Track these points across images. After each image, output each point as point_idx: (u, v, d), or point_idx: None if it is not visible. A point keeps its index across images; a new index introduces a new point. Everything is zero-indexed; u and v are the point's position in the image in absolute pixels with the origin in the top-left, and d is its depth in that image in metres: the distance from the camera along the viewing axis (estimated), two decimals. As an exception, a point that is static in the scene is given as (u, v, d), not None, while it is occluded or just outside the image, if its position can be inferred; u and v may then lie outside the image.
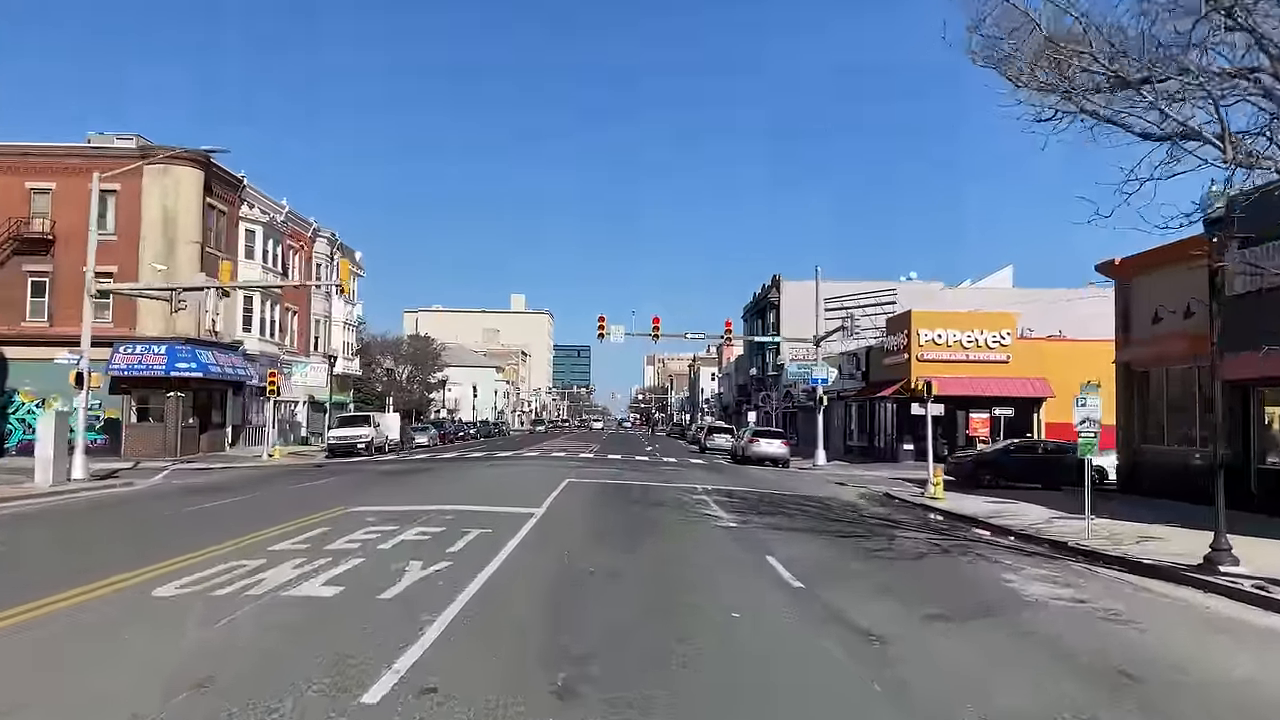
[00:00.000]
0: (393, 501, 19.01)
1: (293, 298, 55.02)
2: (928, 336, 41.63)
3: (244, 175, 47.33)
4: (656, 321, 41.76)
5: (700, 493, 24.38)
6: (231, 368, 44.79)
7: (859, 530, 17.48)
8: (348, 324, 63.73)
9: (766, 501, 23.07)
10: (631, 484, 26.49)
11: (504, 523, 15.54)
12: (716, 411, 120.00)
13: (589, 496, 21.79)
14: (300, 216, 55.97)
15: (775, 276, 78.33)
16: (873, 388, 47.35)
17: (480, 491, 22.11)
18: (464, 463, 36.92)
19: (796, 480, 32.61)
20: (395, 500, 19.42)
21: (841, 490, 28.77)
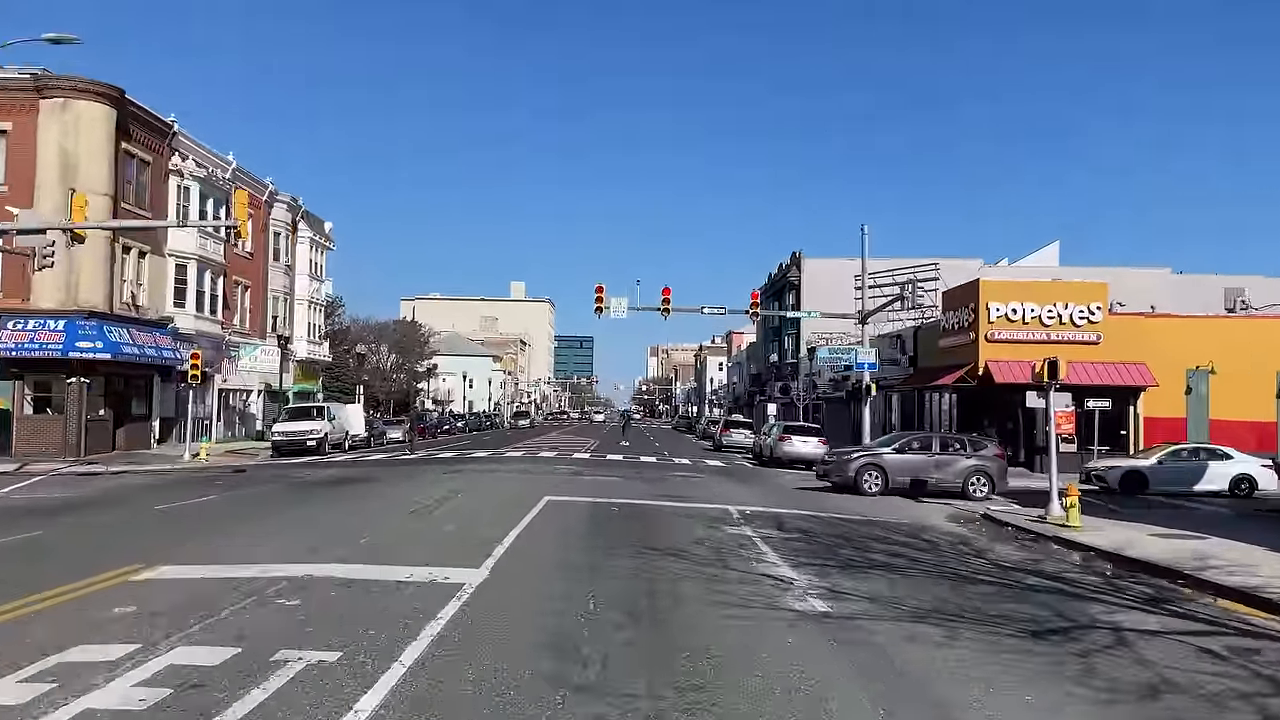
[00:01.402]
0: (226, 556, 11.32)
1: (244, 270, 47.50)
2: (999, 311, 33.98)
3: (174, 120, 39.76)
4: (667, 293, 34.25)
5: (736, 519, 16.85)
6: (155, 349, 37.28)
7: (1028, 606, 9.99)
8: (313, 303, 56.20)
9: (837, 535, 15.52)
10: (636, 504, 18.94)
11: (385, 621, 7.94)
12: (728, 403, 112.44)
13: (569, 534, 14.20)
14: (252, 176, 48.37)
15: (795, 253, 70.67)
16: (923, 375, 39.74)
17: (395, 529, 14.53)
18: (420, 467, 29.39)
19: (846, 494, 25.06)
20: (233, 553, 11.73)
21: (918, 509, 21.26)
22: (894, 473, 23.08)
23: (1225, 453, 27.28)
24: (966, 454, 23.90)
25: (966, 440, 25.08)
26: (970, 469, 23.37)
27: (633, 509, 17.78)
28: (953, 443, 24.57)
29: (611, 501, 18.83)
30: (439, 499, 18.29)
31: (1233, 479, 26.31)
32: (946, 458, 23.70)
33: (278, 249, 51.43)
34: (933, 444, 24.27)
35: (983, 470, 23.53)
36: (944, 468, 23.34)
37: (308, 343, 55.43)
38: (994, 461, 24.10)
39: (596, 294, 34.10)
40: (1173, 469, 26.59)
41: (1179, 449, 27.76)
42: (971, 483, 23.09)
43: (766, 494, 22.77)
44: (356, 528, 13.87)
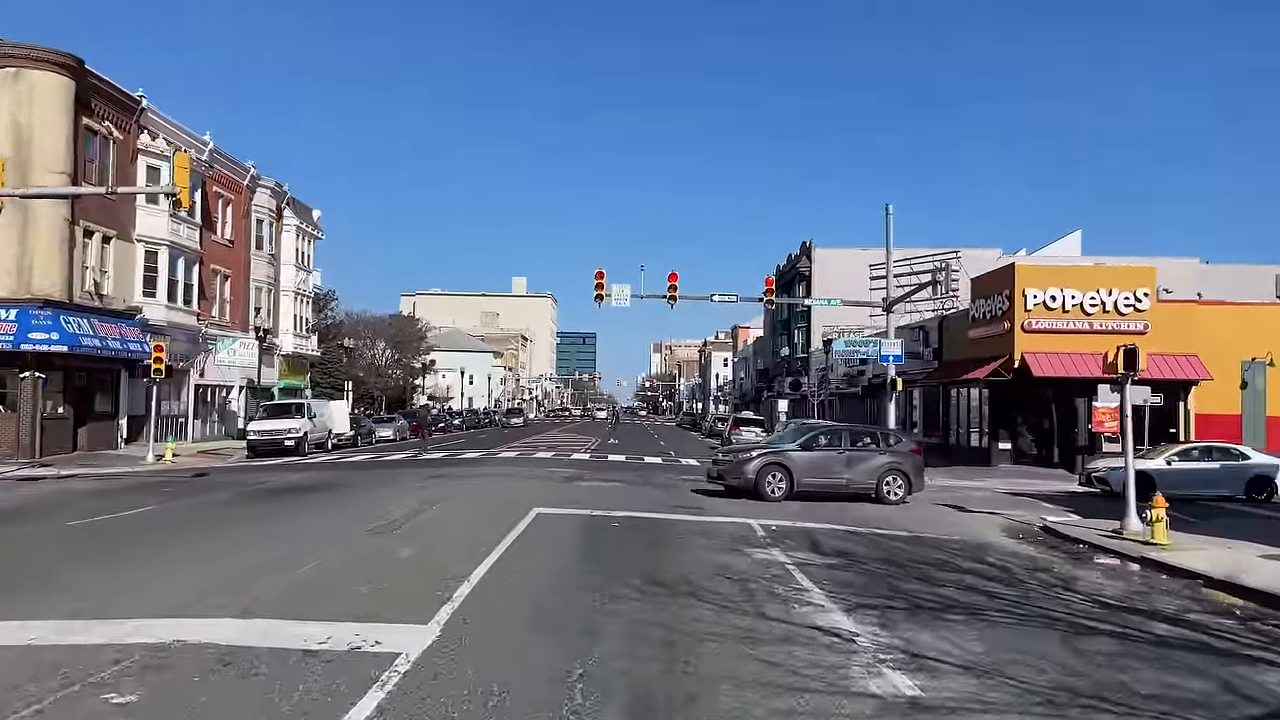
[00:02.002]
0: (90, 602, 8.46)
1: (223, 259, 44.71)
2: (1037, 299, 31.08)
3: (143, 95, 36.94)
4: (673, 278, 31.33)
5: (761, 538, 14.03)
6: (121, 341, 34.50)
7: (1181, 675, 7.23)
8: (300, 294, 53.40)
9: (886, 558, 12.70)
10: (641, 517, 16.11)
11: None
12: (733, 399, 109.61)
13: (557, 562, 11.38)
14: (232, 159, 45.57)
15: (806, 243, 67.75)
16: (949, 369, 36.88)
17: (342, 555, 11.68)
18: (402, 471, 26.62)
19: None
20: (105, 596, 8.87)
21: (967, 521, 18.43)
22: (801, 473, 19.61)
23: (1241, 452, 24.73)
24: (880, 449, 20.88)
25: (879, 434, 22.02)
26: (885, 467, 20.34)
27: (637, 524, 14.95)
28: (864, 436, 21.47)
29: (611, 515, 16.00)
30: (409, 512, 15.47)
31: (1250, 481, 23.78)
32: (859, 453, 20.57)
33: (260, 237, 48.64)
34: (843, 438, 21.04)
35: (898, 469, 20.51)
36: (856, 465, 20.24)
37: (294, 336, 52.67)
38: (909, 458, 21.06)
39: (597, 280, 31.25)
40: (1183, 470, 23.90)
41: (1189, 448, 25.13)
42: (886, 482, 20.16)
43: (783, 508, 19.89)
44: (295, 554, 11.06)
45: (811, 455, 20.06)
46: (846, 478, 20.06)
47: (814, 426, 24.31)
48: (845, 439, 21.01)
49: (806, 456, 19.98)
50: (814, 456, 20.07)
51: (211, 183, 43.07)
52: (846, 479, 20.01)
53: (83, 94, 33.00)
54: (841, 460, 20.22)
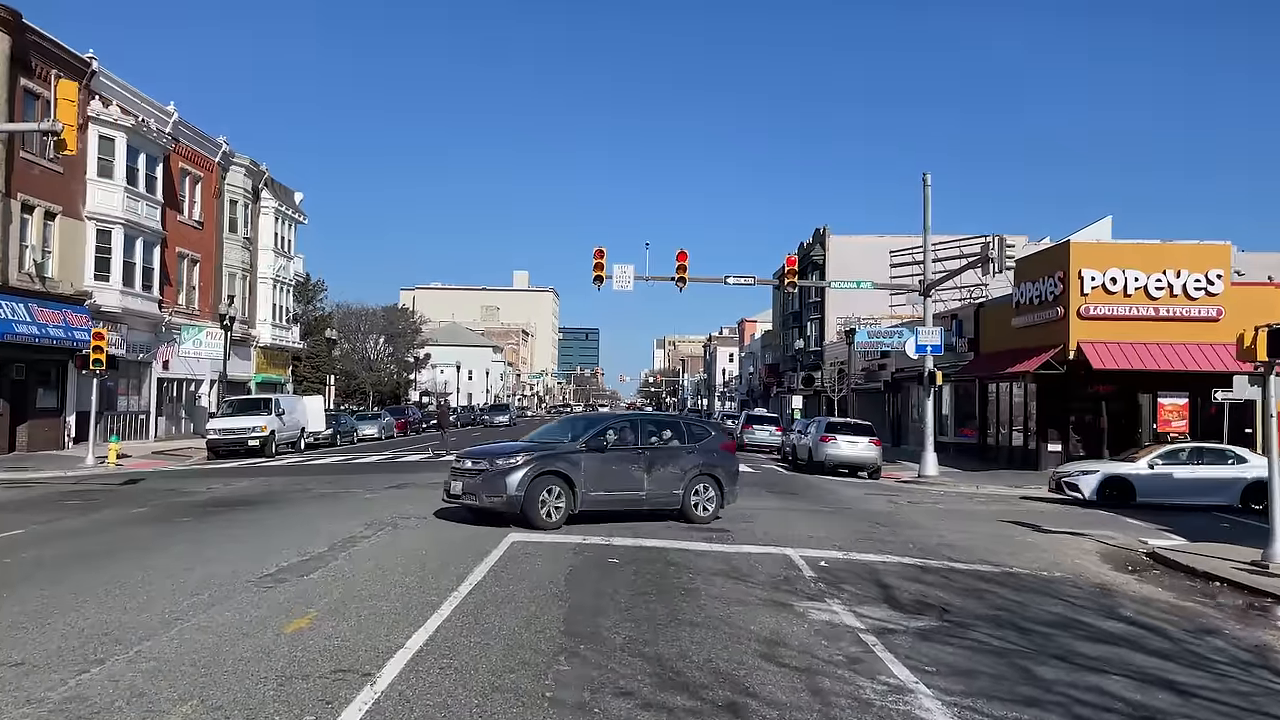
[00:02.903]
0: None
1: (192, 241, 41.09)
2: (1095, 281, 27.34)
3: (94, 56, 33.28)
4: (682, 257, 27.66)
5: (811, 582, 10.35)
6: (66, 329, 30.91)
7: None
8: (280, 282, 49.74)
9: (990, 615, 9.03)
10: (648, 546, 12.45)
11: None
12: (740, 395, 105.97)
13: (527, 634, 7.70)
14: (201, 133, 41.91)
15: (820, 229, 64.04)
16: (988, 362, 33.17)
17: (197, 627, 7.98)
18: (363, 477, 23.03)
19: (933, 514, 18.58)
20: None
21: (1050, 545, 14.79)
22: (589, 484, 13.76)
23: (1237, 454, 21.40)
24: (685, 444, 15.24)
25: (683, 423, 16.34)
26: (693, 471, 14.92)
27: (643, 559, 11.29)
28: (665, 427, 15.70)
29: (610, 543, 12.34)
30: (342, 541, 11.78)
31: (1246, 488, 20.57)
32: (660, 452, 14.78)
33: (234, 219, 45.00)
34: (640, 430, 15.06)
35: (709, 473, 15.12)
36: (657, 470, 14.58)
37: (273, 327, 49.03)
38: (722, 458, 15.70)
39: (596, 260, 27.59)
40: (1168, 476, 20.89)
41: (1177, 449, 21.92)
42: (696, 492, 14.88)
43: (829, 522, 16.23)
44: (122, 627, 7.40)
45: (604, 458, 14.08)
46: (646, 488, 14.43)
47: (603, 417, 17.74)
48: (642, 431, 15.01)
49: (596, 460, 13.95)
50: (607, 460, 14.11)
51: (177, 158, 39.42)
52: (646, 490, 14.44)
53: (20, 52, 29.39)
54: (641, 463, 14.45)
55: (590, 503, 13.79)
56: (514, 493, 13.09)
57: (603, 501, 14.00)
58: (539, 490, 13.25)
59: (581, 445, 14.09)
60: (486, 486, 13.34)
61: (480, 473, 13.56)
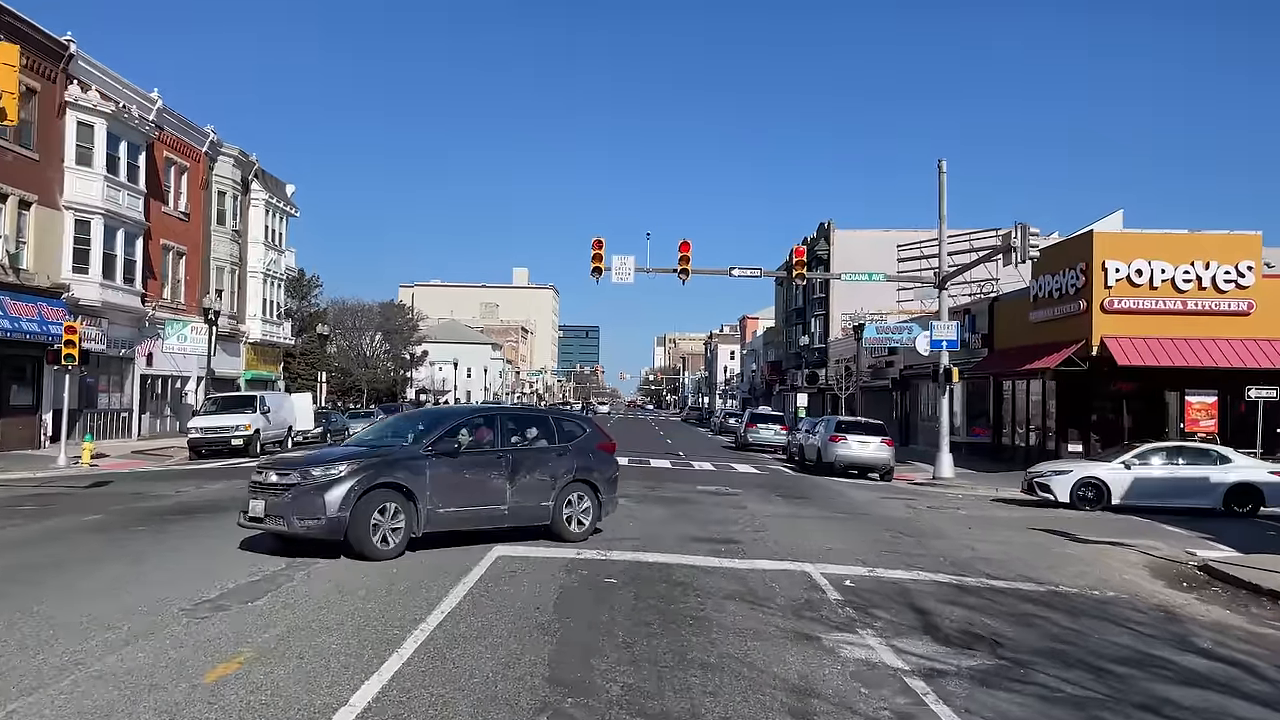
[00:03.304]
0: None
1: (177, 234, 39.77)
2: (1120, 273, 26.00)
3: (71, 39, 31.93)
4: (685, 248, 26.31)
5: (838, 606, 9.01)
6: (41, 323, 29.59)
7: None
8: (270, 276, 48.40)
9: (1055, 655, 7.68)
10: (651, 564, 11.11)
11: None
12: (742, 393, 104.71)
13: (503, 685, 6.38)
14: (188, 122, 40.56)
15: (824, 224, 62.70)
16: (1003, 358, 31.85)
17: (84, 684, 6.60)
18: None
19: (956, 521, 17.25)
20: None
21: (1092, 557, 13.48)
22: (437, 498, 10.83)
23: (1220, 454, 20.20)
24: (555, 444, 12.47)
25: (551, 420, 13.20)
26: (567, 478, 12.16)
27: (644, 577, 9.96)
28: (529, 424, 12.74)
29: (608, 558, 11.01)
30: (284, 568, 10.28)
31: (1229, 490, 19.43)
32: (526, 455, 11.98)
33: (223, 211, 43.64)
34: (500, 429, 12.06)
35: (585, 480, 12.40)
36: (523, 477, 11.70)
37: (263, 322, 47.69)
38: (600, 460, 12.89)
39: (594, 251, 26.26)
40: (1145, 476, 19.68)
41: (1156, 449, 20.66)
42: (570, 503, 12.11)
43: (847, 531, 14.89)
44: (4, 674, 6.07)
45: (456, 464, 11.13)
46: (510, 501, 11.55)
47: (453, 411, 14.41)
48: (503, 430, 12.09)
49: (446, 467, 10.98)
50: (459, 466, 11.18)
51: (161, 146, 38.06)
52: (509, 503, 11.55)
53: (-11, 32, 28.04)
54: (502, 469, 11.59)
55: (439, 521, 10.85)
56: (335, 513, 9.92)
57: (455, 519, 11.06)
58: (370, 509, 10.10)
59: (427, 449, 10.99)
60: (298, 506, 10.06)
61: (290, 488, 10.24)
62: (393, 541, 10.37)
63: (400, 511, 10.44)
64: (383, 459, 10.75)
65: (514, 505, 11.61)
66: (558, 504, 12.02)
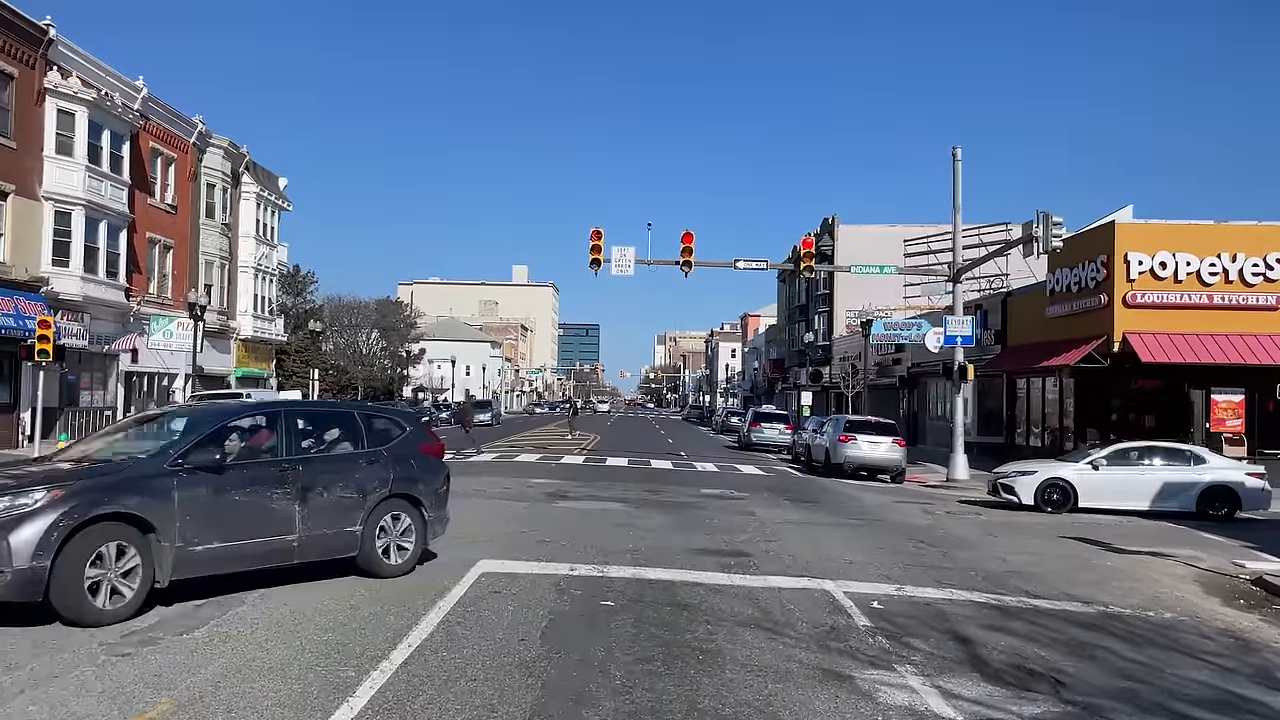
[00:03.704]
0: None
1: (164, 226, 38.61)
2: (1143, 266, 24.85)
3: (51, 23, 30.76)
4: (688, 239, 25.17)
5: (868, 634, 7.86)
6: (17, 318, 28.44)
7: None
8: (262, 271, 47.23)
9: (1128, 697, 6.52)
10: (652, 581, 9.98)
11: None
12: (743, 392, 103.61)
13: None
14: (175, 111, 39.38)
15: (828, 219, 61.56)
16: (1018, 355, 30.70)
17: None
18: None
19: (980, 528, 16.11)
20: None
21: (1134, 569, 12.34)
22: (195, 531, 7.87)
23: (1195, 454, 19.16)
24: (364, 450, 9.61)
25: (358, 418, 10.09)
26: (380, 494, 9.43)
27: (646, 599, 8.81)
28: (331, 422, 9.95)
29: (604, 575, 9.88)
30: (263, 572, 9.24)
31: (1204, 492, 18.37)
32: (324, 464, 9.24)
33: (212, 204, 42.43)
34: (287, 433, 9.03)
35: (406, 494, 9.71)
36: (320, 494, 8.92)
37: (255, 318, 46.52)
38: (424, 468, 10.11)
39: (593, 242, 25.11)
40: (1113, 477, 18.67)
41: (1126, 449, 19.62)
42: (383, 528, 9.37)
43: (865, 540, 13.74)
44: None
45: (220, 482, 8.24)
46: (301, 528, 8.66)
47: (216, 412, 9.76)
48: (291, 433, 9.11)
49: (206, 486, 8.12)
50: (226, 485, 8.28)
51: (147, 136, 36.90)
52: (300, 531, 8.66)
53: (-36, 15, 26.93)
54: (289, 486, 8.67)
55: (196, 563, 7.87)
56: (27, 564, 6.84)
57: (221, 559, 8.09)
58: (83, 554, 7.08)
59: (174, 462, 7.94)
60: None
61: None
62: (125, 595, 7.33)
63: (135, 555, 7.41)
64: (106, 480, 7.63)
65: (307, 534, 8.67)
66: (369, 528, 9.18)
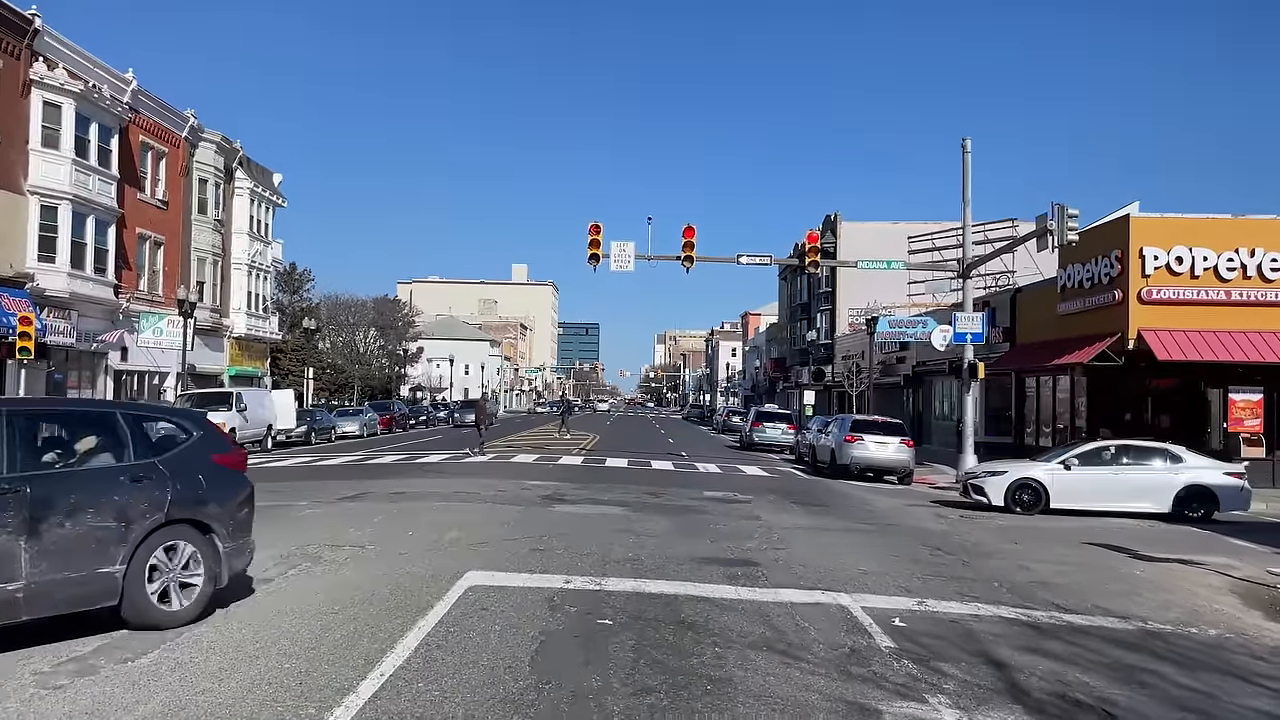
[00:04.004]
0: None
1: (155, 222, 37.86)
2: (1159, 260, 24.10)
3: (36, 13, 30.00)
4: (689, 233, 24.44)
5: (891, 656, 7.09)
6: (1, 314, 27.70)
7: None
8: (256, 268, 46.49)
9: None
10: (653, 596, 9.23)
11: None
12: (743, 391, 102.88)
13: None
14: (166, 105, 38.62)
15: (830, 216, 60.82)
16: (1026, 354, 29.97)
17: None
18: (311, 485, 19.81)
19: (997, 534, 15.34)
20: None
21: (1165, 579, 11.60)
22: None
23: (1172, 453, 18.34)
24: (131, 465, 7.09)
25: (121, 420, 7.36)
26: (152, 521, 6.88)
27: (648, 616, 8.05)
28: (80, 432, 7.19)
29: (601, 588, 9.12)
30: (228, 587, 8.54)
31: (1179, 494, 17.62)
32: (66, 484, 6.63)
33: (204, 199, 41.72)
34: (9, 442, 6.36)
35: (190, 519, 7.28)
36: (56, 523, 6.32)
37: (248, 316, 45.77)
38: (215, 485, 7.66)
39: (591, 236, 24.37)
40: (1086, 477, 17.98)
41: (1099, 448, 18.93)
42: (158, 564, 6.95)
43: (878, 547, 12.99)
44: None
45: None
46: (30, 571, 6.17)
47: None
48: (19, 442, 6.49)
49: None
50: None
51: (136, 130, 36.15)
52: (29, 576, 6.17)
53: (-55, 3, 26.17)
54: (8, 514, 6.12)
55: None
56: None
57: None
58: None
59: None
60: None
61: None
62: None
63: None
64: None
65: (36, 580, 6.21)
66: (134, 567, 6.76)
